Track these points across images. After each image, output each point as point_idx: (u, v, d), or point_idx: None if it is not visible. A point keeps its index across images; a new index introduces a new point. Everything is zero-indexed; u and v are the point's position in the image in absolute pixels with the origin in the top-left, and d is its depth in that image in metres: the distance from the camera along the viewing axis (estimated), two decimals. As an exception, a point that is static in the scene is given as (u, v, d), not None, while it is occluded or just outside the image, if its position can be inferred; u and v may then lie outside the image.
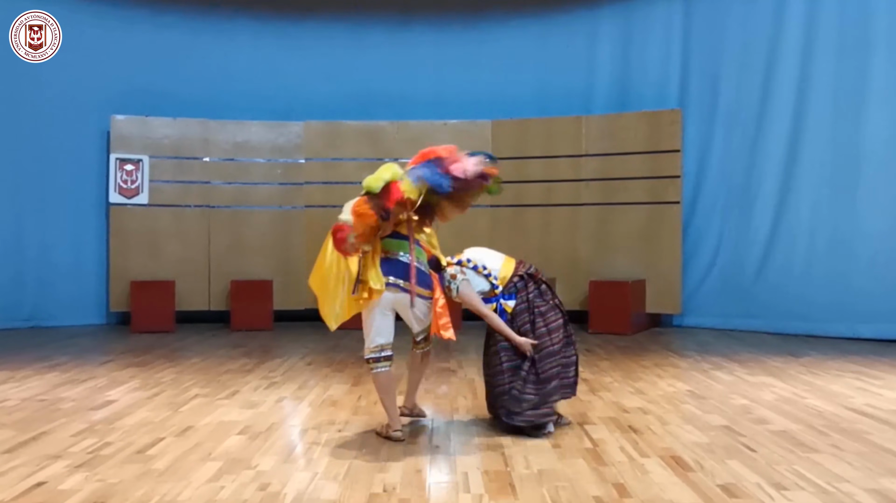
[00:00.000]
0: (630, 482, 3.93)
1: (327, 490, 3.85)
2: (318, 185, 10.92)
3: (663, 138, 10.04)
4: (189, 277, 10.53)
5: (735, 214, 9.98)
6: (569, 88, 10.97)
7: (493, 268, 4.97)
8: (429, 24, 11.36)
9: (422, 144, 11.81)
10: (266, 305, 10.35)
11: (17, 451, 4.51)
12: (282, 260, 10.82)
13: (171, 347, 8.71)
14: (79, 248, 10.70)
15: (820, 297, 9.15)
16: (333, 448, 4.60)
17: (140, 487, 3.88)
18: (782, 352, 8.03)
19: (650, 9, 10.65)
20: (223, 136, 10.84)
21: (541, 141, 10.64)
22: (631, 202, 10.18)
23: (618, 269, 9.97)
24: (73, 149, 10.64)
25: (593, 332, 9.57)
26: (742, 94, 9.90)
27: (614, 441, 4.71)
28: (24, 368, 7.27)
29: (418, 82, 11.24)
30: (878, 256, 8.86)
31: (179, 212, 10.69)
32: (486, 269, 4.96)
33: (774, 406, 5.62)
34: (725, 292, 9.98)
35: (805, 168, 9.40)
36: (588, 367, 7.28)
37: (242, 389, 6.34)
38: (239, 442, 4.73)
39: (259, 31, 11.27)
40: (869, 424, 5.07)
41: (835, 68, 9.16)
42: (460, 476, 4.06)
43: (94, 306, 10.75)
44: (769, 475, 4.02)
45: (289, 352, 8.40)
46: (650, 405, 5.71)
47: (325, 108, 11.14)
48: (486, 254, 5.08)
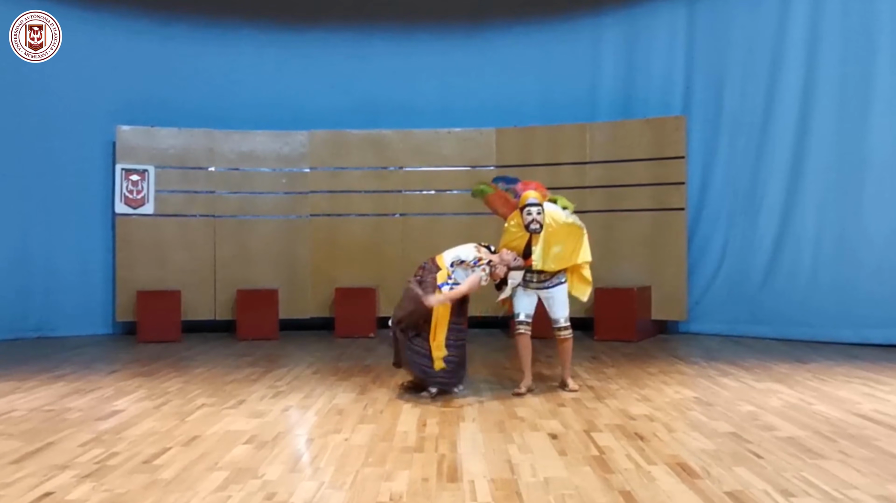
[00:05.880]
0: (637, 489, 3.92)
1: (334, 499, 3.85)
2: (323, 194, 10.95)
3: (668, 145, 10.04)
4: (195, 287, 10.54)
5: (740, 220, 9.96)
6: (573, 96, 10.98)
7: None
8: (433, 32, 11.39)
9: (426, 153, 12.01)
10: (272, 314, 10.35)
11: (24, 462, 4.52)
12: (287, 269, 10.84)
13: (177, 357, 8.72)
14: (85, 259, 10.71)
15: (826, 303, 9.12)
16: (340, 457, 4.60)
17: (147, 497, 3.89)
18: (789, 359, 8.01)
19: (654, 15, 10.66)
20: (228, 146, 10.88)
21: (545, 148, 10.65)
22: (636, 209, 10.17)
23: (623, 276, 9.96)
24: (79, 159, 10.67)
25: (599, 340, 9.55)
26: (746, 101, 9.89)
27: (621, 448, 4.70)
28: (31, 379, 7.28)
29: (422, 91, 11.26)
30: (884, 262, 8.83)
31: (185, 221, 10.71)
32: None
33: (781, 412, 5.60)
34: (731, 298, 9.95)
35: (810, 174, 9.38)
36: (594, 375, 7.27)
37: (249, 398, 6.34)
38: (245, 451, 4.73)
39: (263, 41, 11.30)
40: (877, 430, 5.06)
41: (839, 74, 9.16)
42: (467, 484, 4.06)
43: (101, 316, 10.76)
44: (776, 482, 4.01)
45: (295, 360, 8.40)
46: (656, 412, 5.70)
47: (329, 117, 11.17)
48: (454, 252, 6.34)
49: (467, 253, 6.24)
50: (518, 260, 6.23)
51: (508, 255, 6.22)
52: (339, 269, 10.79)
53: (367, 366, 7.97)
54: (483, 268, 6.12)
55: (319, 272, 10.83)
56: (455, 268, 6.20)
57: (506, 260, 6.20)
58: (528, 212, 6.26)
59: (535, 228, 6.23)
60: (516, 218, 6.36)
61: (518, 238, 6.31)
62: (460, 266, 6.20)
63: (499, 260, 6.18)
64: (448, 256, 6.30)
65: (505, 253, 6.25)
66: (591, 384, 6.80)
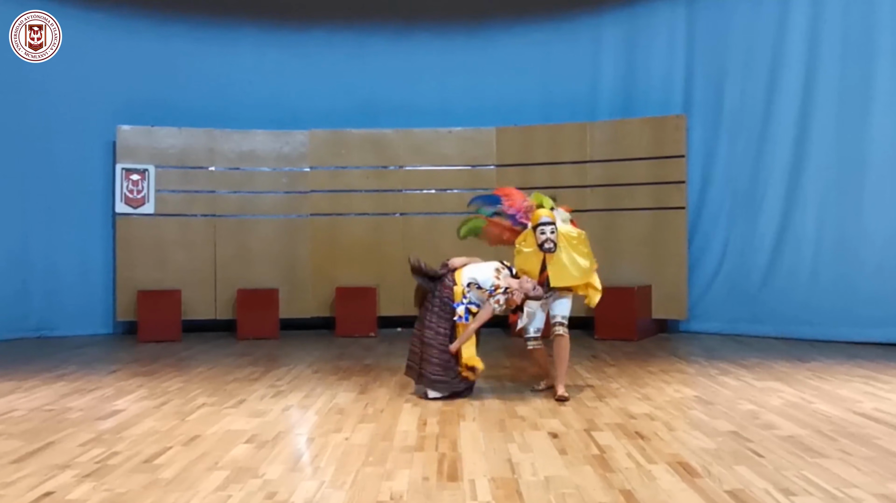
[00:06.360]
0: (637, 488, 3.92)
1: (334, 498, 3.85)
2: (323, 194, 10.96)
3: (668, 144, 10.04)
4: (195, 286, 10.55)
5: (741, 219, 9.96)
6: (573, 95, 10.98)
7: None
8: (432, 31, 11.39)
9: (426, 152, 12.01)
10: (272, 314, 10.36)
11: (24, 462, 4.52)
12: (287, 268, 10.84)
13: (177, 356, 8.73)
14: (85, 258, 10.72)
15: (827, 302, 9.12)
16: (340, 456, 4.60)
17: (147, 496, 3.89)
18: (789, 357, 8.01)
19: (654, 14, 10.66)
20: (228, 146, 10.88)
21: (545, 147, 10.65)
22: (636, 208, 10.18)
23: (623, 275, 9.95)
24: (79, 159, 10.68)
25: (599, 339, 9.56)
26: (747, 99, 9.89)
27: (621, 447, 4.70)
28: (32, 378, 7.28)
29: (422, 90, 11.26)
30: (884, 260, 8.83)
31: (185, 221, 10.72)
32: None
33: (782, 411, 5.60)
34: (732, 297, 9.95)
35: (810, 173, 9.38)
36: (594, 374, 7.27)
37: (249, 398, 6.34)
38: (246, 450, 4.73)
39: (263, 40, 11.31)
40: (877, 429, 5.05)
41: (839, 73, 9.15)
42: (467, 483, 4.05)
43: (101, 316, 10.78)
44: (777, 481, 4.01)
45: (295, 360, 8.40)
46: (657, 411, 5.69)
47: (329, 116, 11.17)
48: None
49: (486, 278, 6.05)
50: (538, 289, 6.04)
51: (528, 284, 6.01)
52: (340, 269, 10.79)
53: (367, 365, 7.98)
54: (497, 300, 5.96)
55: (320, 271, 10.83)
56: (470, 290, 6.08)
57: (525, 288, 6.00)
58: (541, 230, 6.06)
59: (549, 248, 6.03)
60: (528, 238, 6.17)
61: (532, 260, 6.11)
62: (477, 290, 6.08)
63: (518, 286, 5.98)
64: (466, 274, 6.14)
65: (525, 280, 6.02)
66: (591, 383, 6.80)
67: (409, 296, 10.66)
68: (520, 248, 6.21)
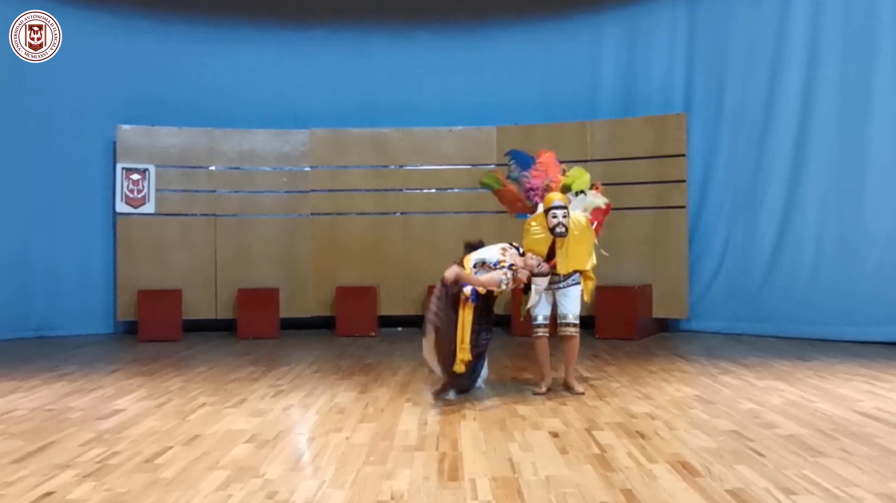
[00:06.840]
0: (638, 488, 3.92)
1: (335, 498, 3.85)
2: (324, 193, 10.96)
3: (669, 143, 10.04)
4: (196, 286, 10.55)
5: (741, 218, 9.96)
6: (574, 94, 10.97)
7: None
8: (433, 31, 11.38)
9: (427, 152, 12.00)
10: (272, 313, 10.36)
11: (25, 461, 4.52)
12: (288, 268, 10.84)
13: (178, 356, 8.73)
14: (86, 258, 10.72)
15: (827, 301, 9.11)
16: (341, 456, 4.60)
17: (148, 496, 3.89)
18: (790, 356, 8.00)
19: (654, 13, 10.66)
20: (229, 145, 10.88)
21: (546, 146, 10.40)
22: (637, 207, 10.16)
23: (624, 274, 9.94)
24: (80, 159, 10.68)
25: (600, 338, 9.55)
26: (747, 98, 9.88)
27: (622, 446, 4.70)
28: (32, 378, 7.28)
29: (423, 89, 11.26)
30: (885, 259, 8.82)
31: (186, 221, 10.72)
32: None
33: (783, 410, 5.60)
34: (732, 296, 9.95)
35: (811, 172, 9.37)
36: (595, 373, 7.27)
37: (250, 397, 6.34)
38: (246, 450, 4.73)
39: (263, 39, 11.30)
40: (878, 428, 5.05)
41: (840, 72, 9.14)
42: (468, 482, 4.05)
43: (102, 316, 10.78)
44: (778, 480, 4.00)
45: (295, 360, 8.40)
46: (658, 410, 5.69)
47: (329, 115, 11.17)
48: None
49: (492, 255, 6.07)
50: (543, 265, 6.07)
51: (533, 261, 6.04)
52: (340, 268, 10.79)
53: (367, 364, 7.98)
54: (504, 272, 5.93)
55: (320, 271, 10.83)
56: (478, 270, 6.05)
57: (530, 265, 6.01)
58: (553, 215, 6.08)
59: (560, 232, 6.06)
60: (539, 219, 6.21)
61: (541, 240, 6.16)
62: (483, 267, 6.05)
63: (522, 264, 5.98)
64: (474, 257, 6.14)
65: (530, 257, 6.06)
66: (592, 382, 6.80)
67: (409, 295, 10.86)
68: (529, 227, 6.27)
